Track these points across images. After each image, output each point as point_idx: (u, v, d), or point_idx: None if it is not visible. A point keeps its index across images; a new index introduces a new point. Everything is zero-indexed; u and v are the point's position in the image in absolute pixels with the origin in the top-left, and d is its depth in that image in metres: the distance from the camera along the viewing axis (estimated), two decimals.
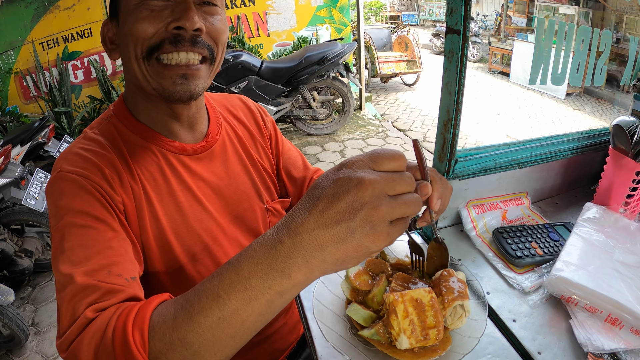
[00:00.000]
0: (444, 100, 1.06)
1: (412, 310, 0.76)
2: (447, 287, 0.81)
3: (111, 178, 0.94)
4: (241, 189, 1.18)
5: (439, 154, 1.10)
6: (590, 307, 0.95)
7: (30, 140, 3.99)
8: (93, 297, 0.74)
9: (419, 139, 7.00)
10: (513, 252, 1.12)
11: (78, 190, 0.89)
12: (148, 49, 0.92)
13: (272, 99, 5.99)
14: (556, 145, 1.35)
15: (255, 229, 1.20)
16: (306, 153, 6.07)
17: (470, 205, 1.28)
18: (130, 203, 0.96)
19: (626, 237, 1.13)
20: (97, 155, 0.95)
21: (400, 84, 10.91)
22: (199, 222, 1.07)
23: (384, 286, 0.84)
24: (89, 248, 0.82)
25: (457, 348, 0.79)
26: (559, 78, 1.37)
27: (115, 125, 1.04)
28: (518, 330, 0.92)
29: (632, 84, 1.70)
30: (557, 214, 1.39)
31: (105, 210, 0.90)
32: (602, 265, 1.03)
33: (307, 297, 0.93)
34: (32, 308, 3.45)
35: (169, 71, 0.93)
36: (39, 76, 6.20)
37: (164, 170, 1.04)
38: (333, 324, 0.84)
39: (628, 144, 1.22)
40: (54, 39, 6.21)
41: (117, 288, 0.77)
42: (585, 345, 0.88)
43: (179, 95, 0.96)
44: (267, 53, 7.48)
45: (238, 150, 1.21)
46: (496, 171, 1.24)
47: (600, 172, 1.34)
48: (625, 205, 1.26)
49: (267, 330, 1.25)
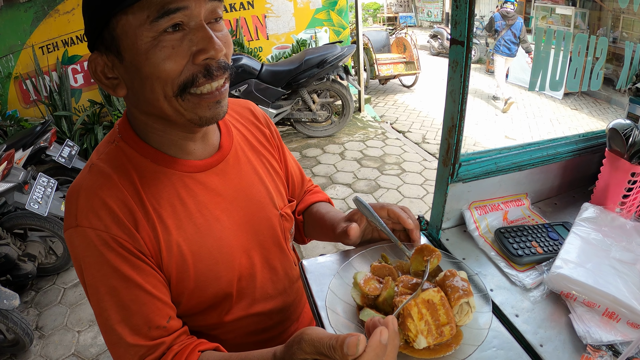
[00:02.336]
0: (448, 107, 1.09)
1: (425, 312, 0.81)
2: (452, 287, 0.86)
3: (127, 222, 0.94)
4: (256, 198, 1.16)
5: (444, 159, 1.14)
6: (588, 302, 0.98)
7: (32, 144, 4.02)
8: (142, 352, 0.92)
9: (419, 140, 7.05)
10: (514, 251, 1.16)
11: (101, 249, 0.92)
12: (180, 87, 0.89)
13: (272, 102, 6.01)
14: (555, 148, 1.38)
15: (272, 237, 1.20)
16: (306, 155, 6.10)
17: (473, 206, 1.31)
18: (149, 239, 0.97)
19: (622, 236, 1.16)
20: (107, 194, 0.94)
21: (399, 86, 10.93)
22: (218, 241, 1.06)
23: (392, 288, 0.89)
24: (126, 309, 0.93)
25: (469, 341, 0.84)
26: (557, 83, 1.40)
27: (124, 150, 1.01)
28: (521, 324, 0.96)
29: (627, 87, 1.73)
30: (556, 214, 1.41)
31: (129, 265, 0.93)
32: (600, 263, 1.06)
33: (322, 306, 0.97)
34: (35, 312, 3.48)
35: (205, 101, 0.92)
36: (39, 80, 6.20)
37: (180, 194, 1.02)
38: (348, 330, 0.86)
39: (623, 147, 1.25)
40: (54, 43, 6.22)
41: (159, 342, 0.93)
42: (584, 337, 0.92)
43: (215, 120, 0.97)
44: (266, 56, 7.48)
45: (250, 158, 1.19)
46: (497, 174, 1.28)
47: (597, 173, 1.36)
48: (621, 205, 1.29)
49: (278, 338, 1.28)
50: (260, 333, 1.23)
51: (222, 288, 1.08)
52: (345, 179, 5.42)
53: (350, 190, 5.16)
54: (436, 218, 1.26)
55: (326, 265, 1.13)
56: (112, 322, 0.92)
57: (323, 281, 1.06)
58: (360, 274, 0.94)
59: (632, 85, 1.75)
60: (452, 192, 1.22)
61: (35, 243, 3.65)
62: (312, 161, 5.92)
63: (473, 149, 6.17)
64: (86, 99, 6.54)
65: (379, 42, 10.58)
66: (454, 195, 1.24)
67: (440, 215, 1.23)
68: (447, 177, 1.16)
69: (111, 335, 0.93)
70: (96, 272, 0.93)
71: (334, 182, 5.36)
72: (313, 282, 1.07)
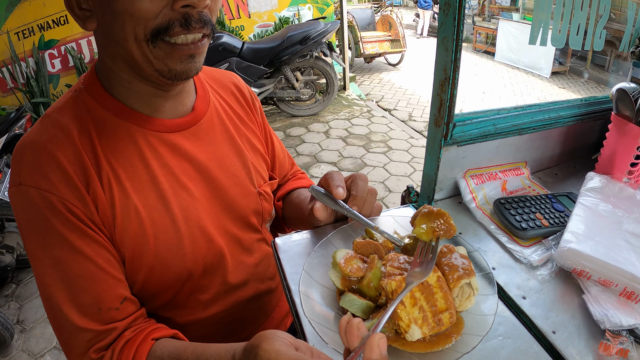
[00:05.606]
0: (440, 57, 0.96)
1: (419, 296, 0.66)
2: (450, 265, 0.72)
3: (79, 182, 0.84)
4: (231, 172, 1.06)
5: (435, 118, 1.00)
6: (604, 280, 0.87)
7: (6, 132, 3.87)
8: (90, 337, 0.83)
9: (405, 118, 6.98)
10: (517, 224, 1.03)
11: (46, 213, 0.82)
12: (153, 32, 0.80)
13: (255, 80, 5.90)
14: (556, 112, 1.28)
15: (245, 216, 1.09)
16: (290, 135, 5.99)
17: (469, 175, 1.19)
18: (101, 203, 0.87)
19: (633, 207, 1.06)
20: (58, 147, 0.85)
21: (385, 64, 10.89)
22: (184, 212, 0.96)
23: (378, 268, 0.74)
24: (73, 286, 0.83)
25: (472, 330, 0.70)
26: (559, 39, 1.29)
27: (85, 101, 0.92)
28: (529, 308, 0.83)
29: (630, 51, 1.63)
30: (558, 184, 1.32)
31: (78, 234, 0.84)
32: (612, 236, 0.96)
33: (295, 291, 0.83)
34: (16, 305, 3.35)
35: (178, 52, 0.84)
36: (15, 67, 5.99)
37: (143, 153, 0.93)
38: (327, 321, 0.72)
39: (632, 110, 1.16)
40: (30, 28, 5.98)
41: (110, 327, 0.84)
42: (602, 322, 0.80)
43: (185, 75, 0.88)
44: (248, 35, 7.34)
45: (228, 127, 1.09)
46: (496, 137, 1.15)
47: (599, 142, 1.28)
48: (629, 174, 1.19)
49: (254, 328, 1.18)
50: (229, 324, 1.12)
51: (187, 267, 0.98)
52: (331, 158, 5.33)
53: (336, 169, 5.06)
54: (428, 188, 1.13)
55: (302, 243, 0.99)
56: (58, 301, 0.83)
57: (298, 261, 0.92)
58: (341, 252, 0.78)
59: (636, 49, 1.65)
60: (446, 157, 1.08)
61: (12, 234, 3.50)
62: (296, 140, 5.82)
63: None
64: (64, 84, 6.35)
65: (364, 20, 10.45)
66: (448, 161, 1.11)
67: (433, 184, 1.09)
68: (440, 139, 1.01)
69: (56, 316, 0.84)
70: (40, 240, 0.84)
71: (319, 160, 5.26)
72: (287, 263, 0.94)
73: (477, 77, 9.61)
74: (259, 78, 5.93)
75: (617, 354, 0.75)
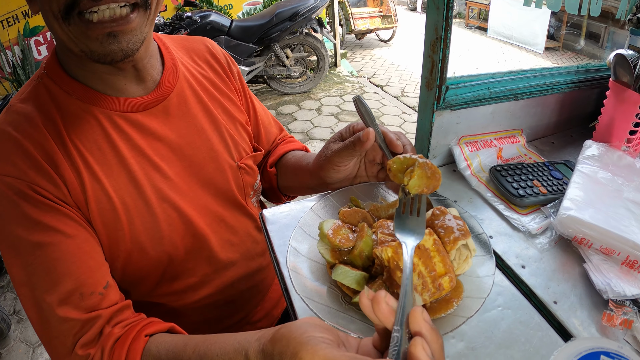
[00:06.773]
0: (431, 17, 0.91)
1: (417, 261, 0.62)
2: (445, 227, 0.68)
3: (48, 167, 0.79)
4: (207, 146, 1.00)
5: (427, 80, 0.95)
6: (606, 248, 0.84)
7: None
8: (76, 329, 0.75)
9: (397, 94, 6.92)
10: (515, 191, 1.00)
11: (17, 199, 0.77)
12: (66, 6, 0.72)
13: (244, 58, 5.80)
14: (553, 77, 1.24)
15: (226, 192, 1.02)
16: (282, 112, 5.91)
17: (463, 142, 1.14)
18: (73, 188, 0.81)
19: (632, 175, 1.04)
20: (24, 135, 0.80)
21: (376, 40, 10.72)
22: (158, 193, 0.91)
23: (369, 237, 0.69)
24: (52, 271, 0.77)
25: (472, 293, 0.66)
26: (555, 2, 1.24)
27: (48, 87, 0.86)
28: (528, 277, 0.80)
29: (627, 19, 1.59)
30: (554, 153, 1.29)
31: (53, 214, 0.78)
32: (613, 204, 0.93)
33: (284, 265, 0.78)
34: (12, 296, 3.29)
35: (92, 31, 0.74)
36: (1, 56, 5.85)
37: (109, 135, 0.87)
38: (320, 296, 0.67)
39: (631, 76, 1.12)
40: (14, 16, 5.82)
41: (94, 315, 0.76)
42: (604, 291, 0.77)
43: (110, 58, 0.79)
44: (236, 13, 7.15)
45: (202, 99, 1.02)
46: (490, 101, 1.10)
47: (596, 111, 1.25)
48: (628, 142, 1.16)
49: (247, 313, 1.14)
50: (224, 306, 1.08)
51: (166, 250, 0.93)
52: (323, 135, 5.27)
53: None
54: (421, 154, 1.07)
55: (291, 215, 0.96)
56: (40, 291, 0.76)
57: (287, 233, 0.88)
58: (327, 223, 0.74)
59: (633, 16, 1.61)
60: (439, 122, 1.04)
61: None
62: (287, 118, 5.75)
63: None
64: None
65: None
66: (441, 127, 1.06)
67: (426, 150, 1.05)
68: (433, 103, 0.96)
69: (40, 310, 0.77)
70: (14, 229, 0.77)
71: (311, 137, 5.21)
72: (275, 236, 0.90)
73: (470, 53, 9.52)
74: (248, 56, 5.82)
75: (621, 325, 0.72)
